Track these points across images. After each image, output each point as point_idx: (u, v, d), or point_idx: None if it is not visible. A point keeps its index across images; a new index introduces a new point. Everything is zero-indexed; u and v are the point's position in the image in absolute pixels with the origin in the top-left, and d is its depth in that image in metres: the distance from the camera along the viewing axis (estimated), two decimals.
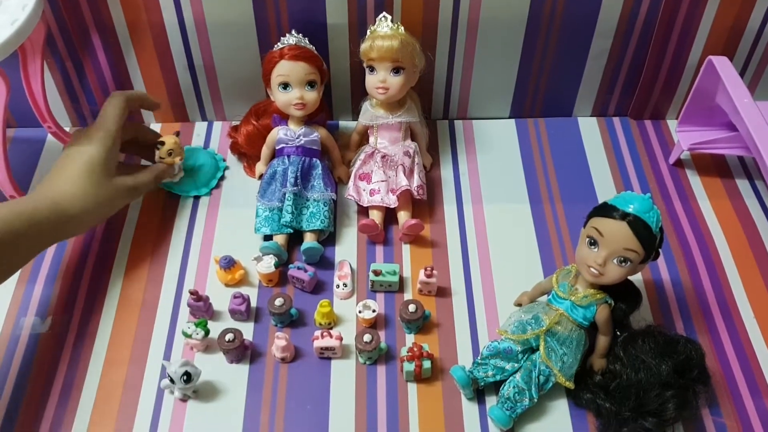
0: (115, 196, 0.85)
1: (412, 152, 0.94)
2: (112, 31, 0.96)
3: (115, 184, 0.85)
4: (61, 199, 0.80)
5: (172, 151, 0.93)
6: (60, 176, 0.82)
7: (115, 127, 0.87)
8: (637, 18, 0.97)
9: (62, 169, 0.83)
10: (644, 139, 1.06)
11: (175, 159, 0.94)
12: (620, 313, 0.76)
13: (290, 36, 0.91)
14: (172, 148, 0.93)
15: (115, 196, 0.86)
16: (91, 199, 0.82)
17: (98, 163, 0.83)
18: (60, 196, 0.80)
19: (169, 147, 0.93)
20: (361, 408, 0.78)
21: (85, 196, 0.82)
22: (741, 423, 0.77)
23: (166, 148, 0.93)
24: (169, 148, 0.93)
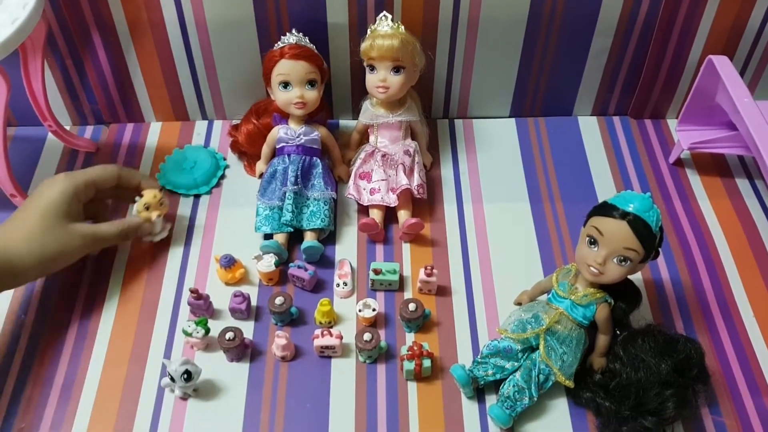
0: (66, 243, 0.80)
1: (413, 151, 0.94)
2: (113, 29, 0.96)
3: (69, 231, 0.80)
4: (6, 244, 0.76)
5: (149, 205, 0.87)
6: (12, 222, 0.79)
7: (82, 178, 0.83)
8: (638, 17, 0.97)
9: (16, 216, 0.80)
10: (644, 139, 1.06)
11: (152, 214, 0.87)
12: (620, 312, 0.76)
13: (291, 35, 0.91)
14: (149, 203, 0.87)
15: (67, 244, 0.80)
16: (36, 245, 0.78)
17: (53, 208, 0.79)
18: (6, 242, 0.77)
19: (146, 201, 0.87)
20: (361, 407, 0.78)
21: (31, 240, 0.77)
22: (740, 422, 0.77)
23: (143, 202, 0.87)
24: (146, 202, 0.87)
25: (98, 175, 0.85)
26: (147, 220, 0.87)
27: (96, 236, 0.83)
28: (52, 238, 0.79)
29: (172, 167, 0.99)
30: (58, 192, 0.80)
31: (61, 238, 0.79)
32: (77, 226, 0.81)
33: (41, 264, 0.79)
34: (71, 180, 0.82)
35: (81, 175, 0.83)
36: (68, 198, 0.81)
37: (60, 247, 0.80)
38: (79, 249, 0.82)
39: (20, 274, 0.78)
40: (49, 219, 0.79)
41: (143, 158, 1.02)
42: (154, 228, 0.88)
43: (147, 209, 0.87)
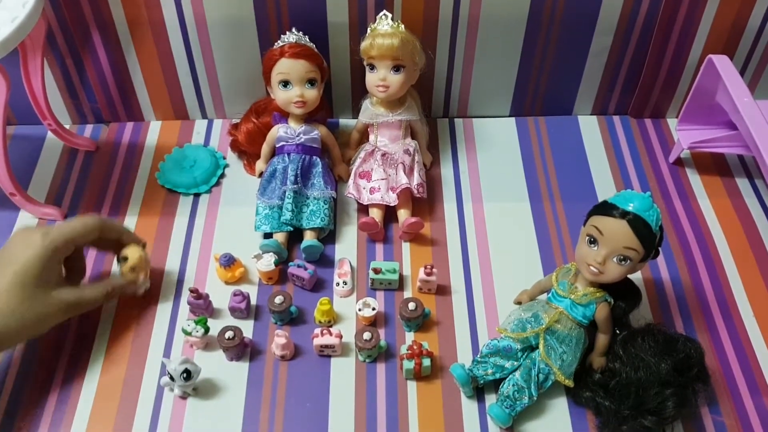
0: (48, 312, 0.74)
1: (412, 150, 0.94)
2: (113, 28, 0.96)
3: (50, 299, 0.74)
4: None
5: (135, 267, 0.82)
6: None
7: (62, 238, 0.76)
8: (638, 16, 0.96)
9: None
10: (644, 138, 1.06)
11: (139, 275, 0.82)
12: (620, 311, 0.76)
13: (291, 34, 0.91)
14: (135, 264, 0.82)
15: (48, 313, 0.74)
16: (15, 318, 0.71)
17: (31, 275, 0.72)
18: None
19: (133, 263, 0.81)
20: (361, 406, 0.78)
21: (7, 313, 0.71)
22: (740, 421, 0.77)
23: (129, 264, 0.81)
24: (133, 264, 0.81)
25: (78, 232, 0.78)
26: (133, 281, 0.82)
27: (79, 302, 0.77)
28: (32, 309, 0.72)
29: (172, 166, 0.99)
30: (36, 256, 0.73)
31: (41, 308, 0.73)
32: (58, 292, 0.75)
33: (18, 335, 0.73)
34: (50, 241, 0.75)
35: (60, 234, 0.76)
36: (47, 261, 0.74)
37: (40, 317, 0.73)
38: (60, 316, 0.76)
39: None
40: (28, 288, 0.72)
41: (143, 157, 1.02)
42: (138, 287, 0.84)
43: (133, 270, 0.82)
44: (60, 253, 0.76)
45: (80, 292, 0.78)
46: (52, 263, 0.75)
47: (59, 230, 0.76)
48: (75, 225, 0.78)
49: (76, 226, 0.78)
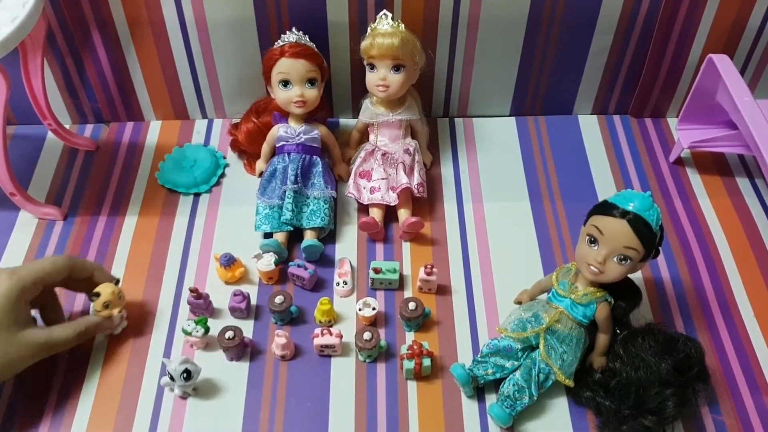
0: (14, 355, 0.71)
1: (413, 150, 0.94)
2: (113, 28, 0.96)
3: (18, 340, 0.71)
4: None
5: (108, 303, 0.78)
6: None
7: (30, 278, 0.72)
8: (638, 16, 0.96)
9: None
10: (644, 137, 1.06)
11: (113, 311, 0.79)
12: (620, 311, 0.76)
13: (291, 33, 0.91)
14: (108, 300, 0.78)
15: (15, 356, 0.71)
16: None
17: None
18: None
19: (105, 299, 0.78)
20: (361, 406, 0.78)
21: None
22: (740, 421, 0.77)
23: (101, 301, 0.78)
24: (105, 300, 0.78)
25: (47, 272, 0.74)
26: (107, 318, 0.79)
27: (49, 343, 0.73)
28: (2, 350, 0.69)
29: (172, 166, 0.99)
30: (3, 296, 0.70)
31: (7, 351, 0.70)
32: (26, 333, 0.71)
33: None
34: (17, 280, 0.71)
35: (28, 274, 0.72)
36: (14, 302, 0.70)
37: (6, 361, 0.70)
38: (28, 359, 0.72)
39: None
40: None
41: (143, 157, 1.02)
42: (111, 323, 0.80)
43: (107, 307, 0.79)
44: (28, 294, 0.72)
45: (49, 332, 0.74)
46: (19, 304, 0.71)
47: (27, 270, 0.73)
48: (43, 265, 0.74)
49: (44, 265, 0.74)
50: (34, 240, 0.92)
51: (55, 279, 0.76)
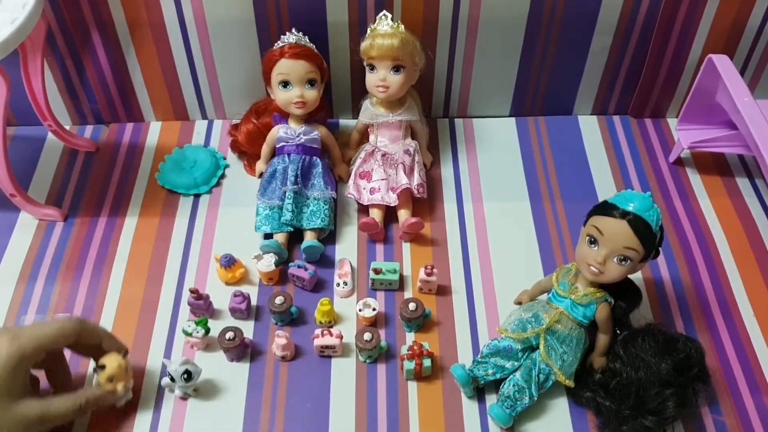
0: (7, 428, 0.64)
1: (413, 150, 0.94)
2: (113, 29, 0.96)
3: (12, 412, 0.64)
4: None
5: (113, 377, 0.72)
6: None
7: (32, 346, 0.66)
8: (638, 16, 0.96)
9: None
10: (644, 138, 1.06)
11: (117, 385, 0.72)
12: (620, 311, 0.76)
13: (290, 34, 0.91)
14: (113, 374, 0.71)
15: (8, 428, 0.64)
16: None
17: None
18: None
19: (111, 373, 0.71)
20: (362, 406, 0.78)
21: None
22: (740, 421, 0.77)
23: (106, 374, 0.71)
24: (110, 374, 0.71)
25: (51, 339, 0.68)
26: (111, 392, 0.72)
27: (44, 417, 0.66)
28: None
29: (172, 167, 0.99)
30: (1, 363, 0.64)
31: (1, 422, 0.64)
32: (21, 406, 0.64)
33: None
34: (17, 347, 0.65)
35: (30, 341, 0.66)
36: (12, 371, 0.64)
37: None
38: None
39: None
40: None
41: (143, 158, 1.02)
42: (116, 396, 0.73)
43: (111, 381, 0.72)
44: (27, 363, 0.66)
45: (46, 406, 0.67)
46: (17, 373, 0.65)
47: (30, 335, 0.66)
48: (49, 331, 0.68)
49: (49, 332, 0.68)
50: (34, 241, 0.92)
51: (60, 345, 0.70)
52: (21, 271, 0.89)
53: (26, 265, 0.90)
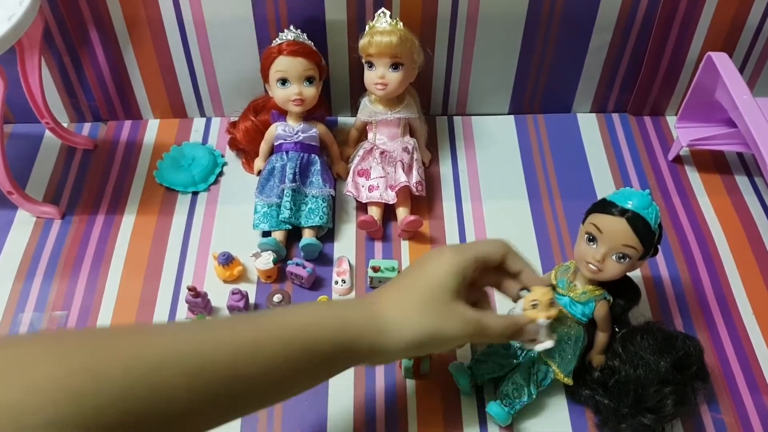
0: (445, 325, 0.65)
1: (411, 148, 0.94)
2: (110, 26, 0.96)
3: (452, 310, 0.65)
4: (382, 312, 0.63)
5: (537, 303, 0.69)
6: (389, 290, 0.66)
7: (471, 254, 0.68)
8: (637, 13, 0.96)
9: (392, 284, 0.67)
10: (643, 136, 1.06)
11: (539, 315, 0.69)
12: (619, 309, 0.76)
13: (289, 31, 0.91)
14: (538, 300, 0.69)
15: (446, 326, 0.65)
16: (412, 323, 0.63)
17: (437, 282, 0.65)
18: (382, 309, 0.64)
19: (536, 297, 0.69)
20: (360, 404, 0.78)
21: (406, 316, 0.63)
22: (739, 419, 0.77)
23: (530, 297, 0.70)
24: (535, 298, 0.69)
25: (487, 251, 0.70)
26: (532, 320, 0.69)
27: (480, 324, 0.66)
28: (431, 316, 0.64)
29: (170, 164, 0.99)
30: (446, 265, 0.66)
31: (441, 318, 0.64)
32: (462, 308, 0.66)
33: (407, 349, 0.64)
34: (460, 255, 0.67)
35: (470, 250, 0.68)
36: (454, 275, 0.66)
37: (437, 330, 0.64)
38: (457, 335, 0.65)
39: (382, 354, 0.63)
40: (433, 292, 0.65)
41: (141, 155, 1.02)
42: (539, 334, 0.70)
43: (534, 307, 0.70)
44: (468, 269, 0.67)
45: (482, 315, 0.67)
46: (459, 276, 0.66)
47: (470, 248, 0.69)
48: (483, 246, 0.70)
49: (485, 247, 0.70)
50: (31, 239, 0.92)
51: (491, 262, 0.71)
52: (18, 268, 0.89)
53: (24, 263, 0.90)
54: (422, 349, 0.66)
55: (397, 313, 0.63)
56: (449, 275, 0.66)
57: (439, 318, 0.64)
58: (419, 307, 0.64)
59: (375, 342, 0.62)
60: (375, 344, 0.62)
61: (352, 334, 0.61)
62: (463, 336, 0.66)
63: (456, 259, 0.67)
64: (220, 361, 0.53)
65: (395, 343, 0.63)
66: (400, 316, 0.63)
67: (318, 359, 0.59)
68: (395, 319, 0.63)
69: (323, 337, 0.59)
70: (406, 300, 0.65)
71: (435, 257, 0.68)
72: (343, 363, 0.63)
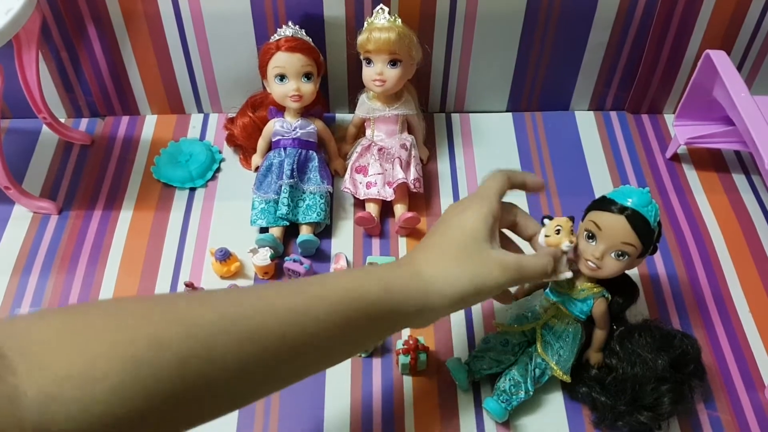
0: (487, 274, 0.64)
1: (409, 145, 0.94)
2: (108, 21, 0.95)
3: (490, 257, 0.64)
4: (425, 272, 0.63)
5: (560, 229, 0.70)
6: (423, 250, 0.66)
7: (495, 197, 0.68)
8: (635, 11, 0.96)
9: (426, 243, 0.67)
10: (641, 134, 1.06)
11: (563, 240, 0.69)
12: (617, 307, 0.76)
13: (287, 27, 0.90)
14: (560, 225, 0.70)
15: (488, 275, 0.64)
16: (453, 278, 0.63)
17: (470, 232, 0.64)
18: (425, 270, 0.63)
19: (558, 223, 0.70)
20: (357, 401, 0.77)
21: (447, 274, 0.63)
22: (736, 417, 0.77)
23: (554, 224, 0.70)
24: (558, 223, 0.70)
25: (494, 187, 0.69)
26: (557, 245, 0.70)
27: (520, 267, 0.65)
28: (470, 267, 0.63)
29: (168, 160, 0.99)
30: (474, 214, 0.66)
31: (480, 267, 0.63)
32: (498, 252, 0.65)
33: (452, 304, 0.63)
34: (484, 199, 0.67)
35: (494, 194, 0.68)
36: (484, 218, 0.65)
37: (479, 280, 0.63)
38: (499, 282, 0.64)
39: (429, 312, 0.63)
40: (466, 243, 0.64)
41: (138, 151, 1.02)
42: (561, 264, 0.70)
43: (558, 233, 0.70)
44: (497, 213, 0.67)
45: (521, 257, 0.66)
46: (489, 220, 0.66)
47: (490, 190, 0.68)
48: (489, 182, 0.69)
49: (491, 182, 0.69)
50: (28, 234, 0.92)
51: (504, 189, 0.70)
52: (15, 264, 0.89)
53: (20, 258, 0.89)
54: (467, 302, 0.65)
55: (436, 270, 0.63)
56: (478, 222, 0.65)
57: (478, 267, 0.63)
58: (457, 261, 0.63)
59: (420, 301, 0.61)
60: (420, 303, 0.61)
61: (397, 295, 0.60)
62: (505, 282, 0.65)
63: (481, 205, 0.66)
64: (270, 326, 0.53)
65: (440, 300, 0.62)
66: (441, 273, 0.63)
67: (363, 322, 0.59)
68: (435, 276, 0.62)
69: (369, 300, 0.59)
70: (443, 256, 0.64)
71: (460, 210, 0.67)
72: (389, 326, 0.62)
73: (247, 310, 0.53)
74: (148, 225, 0.93)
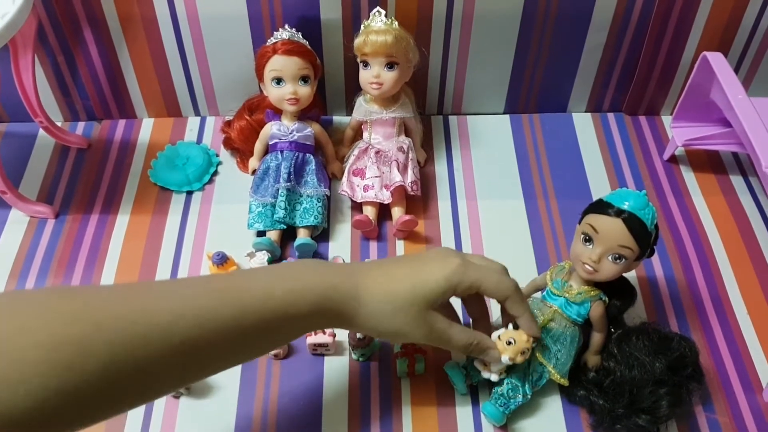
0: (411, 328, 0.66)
1: (406, 148, 0.94)
2: (104, 24, 0.95)
3: (423, 317, 0.66)
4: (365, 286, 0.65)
5: (512, 341, 0.71)
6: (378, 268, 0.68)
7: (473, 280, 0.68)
8: (632, 13, 0.96)
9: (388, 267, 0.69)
10: (639, 135, 1.06)
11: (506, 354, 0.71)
12: (614, 310, 0.76)
13: (284, 30, 0.90)
14: (514, 338, 0.71)
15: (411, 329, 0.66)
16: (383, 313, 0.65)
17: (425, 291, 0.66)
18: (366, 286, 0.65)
19: (512, 336, 0.71)
20: (355, 404, 0.77)
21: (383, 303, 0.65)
22: (734, 420, 0.77)
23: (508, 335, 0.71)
24: (512, 336, 0.71)
25: (490, 289, 0.69)
26: (500, 352, 0.71)
27: (443, 336, 0.68)
28: (402, 318, 0.66)
29: (164, 163, 0.99)
30: (445, 274, 0.67)
31: (410, 322, 0.66)
32: (433, 315, 0.67)
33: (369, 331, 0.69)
34: (462, 272, 0.67)
35: (474, 274, 0.68)
36: (446, 287, 0.67)
37: (401, 328, 0.66)
38: (418, 340, 0.68)
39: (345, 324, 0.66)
40: (415, 296, 0.66)
41: (135, 155, 1.02)
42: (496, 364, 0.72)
43: (509, 345, 0.71)
44: (460, 291, 0.68)
45: (449, 326, 0.69)
46: (446, 295, 0.68)
47: (477, 272, 0.68)
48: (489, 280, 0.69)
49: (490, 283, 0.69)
50: (25, 238, 0.92)
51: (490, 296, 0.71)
52: (12, 268, 0.89)
53: (17, 263, 0.89)
54: (381, 337, 0.71)
55: (373, 299, 0.65)
56: (439, 285, 0.67)
57: (408, 322, 0.66)
58: (395, 306, 0.66)
59: (346, 313, 0.65)
60: (346, 315, 0.65)
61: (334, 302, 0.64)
62: (425, 341, 0.68)
63: (456, 275, 0.67)
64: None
65: (360, 323, 0.66)
66: (375, 304, 0.65)
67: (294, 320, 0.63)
68: (369, 304, 0.65)
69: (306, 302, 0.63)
70: (389, 292, 0.66)
71: (440, 259, 0.69)
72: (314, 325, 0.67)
73: None
74: (145, 229, 0.93)
